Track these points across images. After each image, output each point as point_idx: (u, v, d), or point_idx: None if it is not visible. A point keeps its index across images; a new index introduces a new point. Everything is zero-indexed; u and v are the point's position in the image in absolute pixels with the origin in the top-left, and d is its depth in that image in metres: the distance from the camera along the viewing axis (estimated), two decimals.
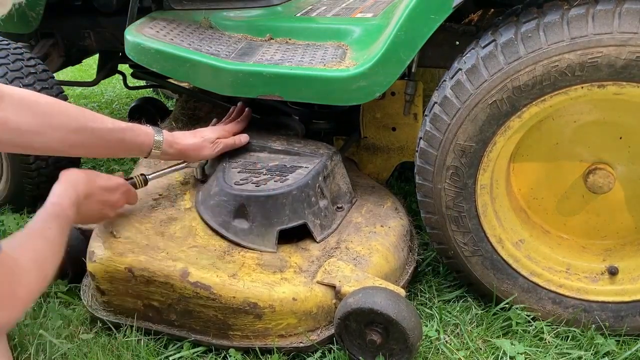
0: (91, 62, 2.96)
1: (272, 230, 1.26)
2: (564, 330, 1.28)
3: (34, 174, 1.74)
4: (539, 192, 1.36)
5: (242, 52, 1.51)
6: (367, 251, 1.28)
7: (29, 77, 1.70)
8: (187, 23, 1.68)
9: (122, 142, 1.24)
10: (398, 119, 1.67)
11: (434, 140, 1.23)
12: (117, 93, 3.38)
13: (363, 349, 1.16)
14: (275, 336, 1.19)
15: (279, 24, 1.72)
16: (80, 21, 1.93)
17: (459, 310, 1.36)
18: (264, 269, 1.21)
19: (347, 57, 1.44)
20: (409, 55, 1.25)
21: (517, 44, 1.10)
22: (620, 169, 1.27)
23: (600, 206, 1.33)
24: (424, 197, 1.30)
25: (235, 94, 1.45)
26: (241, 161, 1.42)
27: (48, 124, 1.13)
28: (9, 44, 1.77)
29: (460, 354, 1.22)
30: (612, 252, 1.33)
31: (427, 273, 1.49)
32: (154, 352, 1.22)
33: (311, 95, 1.37)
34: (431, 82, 1.77)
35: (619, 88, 1.07)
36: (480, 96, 1.15)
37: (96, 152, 1.31)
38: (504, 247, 1.28)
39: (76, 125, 1.16)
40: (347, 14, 1.78)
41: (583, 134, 1.27)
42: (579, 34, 1.05)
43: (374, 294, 1.10)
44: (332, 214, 1.37)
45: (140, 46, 1.47)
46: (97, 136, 1.19)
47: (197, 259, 1.21)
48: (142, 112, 2.49)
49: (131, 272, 1.19)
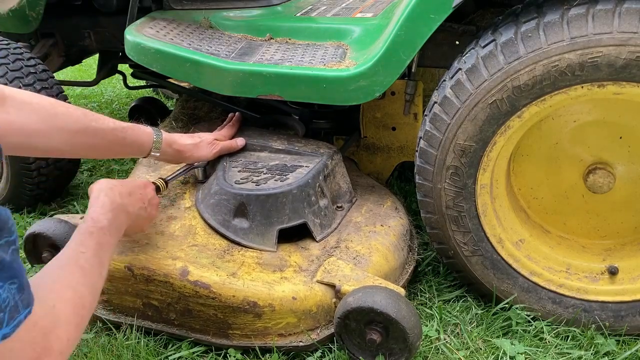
0: (91, 62, 2.97)
1: (272, 230, 1.26)
2: (564, 330, 1.28)
3: (34, 174, 1.74)
4: (539, 192, 1.36)
5: (242, 52, 1.52)
6: (367, 250, 1.28)
7: (29, 77, 1.70)
8: (187, 23, 1.69)
9: (123, 142, 1.24)
10: (398, 118, 1.68)
11: (434, 140, 1.23)
12: (117, 93, 3.38)
13: (363, 348, 1.15)
14: (275, 335, 1.19)
15: (279, 24, 1.72)
16: (80, 21, 1.93)
17: (459, 310, 1.36)
18: (263, 268, 1.21)
19: (347, 57, 1.44)
20: (409, 55, 1.25)
21: (517, 43, 1.10)
22: (620, 169, 1.27)
23: (600, 206, 1.33)
24: (424, 197, 1.30)
25: (235, 93, 1.45)
26: (242, 160, 1.42)
27: (51, 125, 1.13)
28: (9, 44, 1.77)
29: (460, 353, 1.22)
30: (612, 252, 1.33)
31: (427, 273, 1.49)
32: (154, 351, 1.22)
33: (311, 95, 1.37)
34: (431, 82, 1.78)
35: (619, 88, 1.08)
36: (480, 96, 1.15)
37: (98, 152, 1.30)
38: (504, 247, 1.28)
39: (79, 126, 1.16)
40: (347, 14, 1.78)
41: (583, 133, 1.27)
42: (579, 33, 1.05)
43: (374, 293, 1.10)
44: (332, 214, 1.37)
45: (140, 46, 1.47)
46: (99, 136, 1.19)
47: (197, 258, 1.21)
48: (142, 112, 2.49)
49: (131, 271, 1.19)
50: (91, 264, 0.90)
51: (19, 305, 0.67)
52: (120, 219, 1.06)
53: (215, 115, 1.85)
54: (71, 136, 1.15)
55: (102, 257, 0.94)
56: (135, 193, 1.14)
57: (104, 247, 0.96)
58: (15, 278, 0.67)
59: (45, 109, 1.13)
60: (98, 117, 1.20)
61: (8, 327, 0.66)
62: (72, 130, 1.15)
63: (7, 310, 0.65)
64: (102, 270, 0.93)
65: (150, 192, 1.21)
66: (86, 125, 1.17)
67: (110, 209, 1.04)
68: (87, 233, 0.96)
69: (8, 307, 0.65)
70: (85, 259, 0.90)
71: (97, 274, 0.91)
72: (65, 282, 0.84)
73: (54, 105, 1.14)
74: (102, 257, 0.95)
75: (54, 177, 1.82)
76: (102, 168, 2.25)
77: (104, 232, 0.99)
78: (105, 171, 2.23)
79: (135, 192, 1.15)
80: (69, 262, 0.88)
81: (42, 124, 1.11)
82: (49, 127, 1.12)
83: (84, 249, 0.92)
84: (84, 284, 0.86)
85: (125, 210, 1.09)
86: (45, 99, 1.15)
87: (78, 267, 0.88)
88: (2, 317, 0.65)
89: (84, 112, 1.19)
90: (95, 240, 0.95)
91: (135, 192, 1.15)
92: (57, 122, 1.13)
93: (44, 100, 1.14)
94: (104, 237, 0.98)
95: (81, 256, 0.90)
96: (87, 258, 0.90)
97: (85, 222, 0.99)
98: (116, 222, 1.04)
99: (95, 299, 0.89)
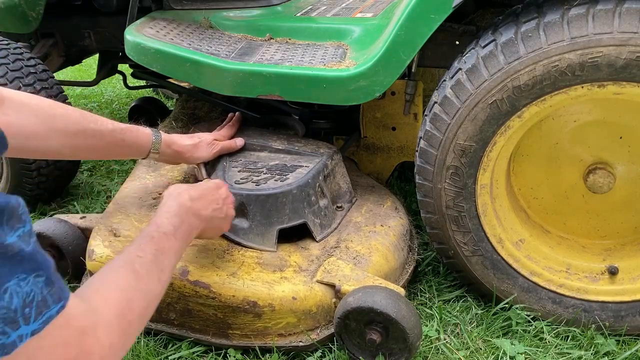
0: (91, 62, 2.97)
1: (272, 229, 1.26)
2: (564, 330, 1.28)
3: (34, 174, 1.74)
4: (539, 192, 1.36)
5: (242, 52, 1.52)
6: (367, 250, 1.28)
7: (29, 77, 1.70)
8: (187, 23, 1.69)
9: (122, 143, 1.24)
10: (398, 118, 1.68)
11: (434, 140, 1.23)
12: (117, 93, 3.38)
13: (363, 348, 1.15)
14: (275, 335, 1.19)
15: (279, 24, 1.72)
16: (80, 21, 1.93)
17: (459, 310, 1.36)
18: (263, 267, 1.21)
19: (347, 57, 1.44)
20: (409, 55, 1.25)
21: (517, 43, 1.10)
22: (620, 169, 1.27)
23: (600, 206, 1.33)
24: (424, 197, 1.30)
25: (235, 93, 1.45)
26: (241, 160, 1.42)
27: (50, 127, 1.12)
28: (9, 44, 1.77)
29: (460, 353, 1.22)
30: (612, 252, 1.33)
31: (427, 273, 1.49)
32: (154, 352, 1.22)
33: (311, 95, 1.37)
34: (431, 82, 1.78)
35: (619, 88, 1.07)
36: (480, 96, 1.15)
37: (97, 154, 1.30)
38: (504, 246, 1.28)
39: (78, 128, 1.16)
40: (347, 14, 1.78)
41: (583, 133, 1.27)
42: (579, 33, 1.05)
43: (374, 293, 1.10)
44: (332, 214, 1.37)
45: (140, 46, 1.47)
46: (98, 138, 1.19)
47: (197, 258, 1.21)
48: (142, 112, 2.49)
49: None
50: (148, 269, 0.85)
51: (47, 299, 0.62)
52: (189, 223, 1.03)
53: (215, 115, 1.85)
54: (70, 138, 1.15)
55: (162, 262, 0.89)
56: (206, 195, 1.11)
57: (166, 253, 0.92)
58: (41, 270, 0.62)
59: (44, 111, 1.12)
60: (97, 119, 1.19)
61: (36, 323, 0.61)
62: (71, 132, 1.15)
63: (34, 305, 0.60)
64: (161, 276, 0.88)
65: (224, 192, 1.18)
66: (85, 127, 1.16)
67: (176, 213, 1.01)
68: (148, 237, 0.92)
69: (34, 301, 0.60)
70: (141, 264, 0.85)
71: (155, 279, 0.86)
72: (114, 284, 0.79)
73: (53, 107, 1.14)
74: (163, 262, 0.90)
75: (54, 177, 1.82)
76: (102, 168, 2.25)
77: (168, 237, 0.94)
78: (105, 171, 2.23)
79: (207, 195, 1.12)
80: (124, 265, 0.84)
81: (40, 125, 1.11)
82: (47, 129, 1.12)
83: (141, 253, 0.87)
84: (135, 289, 0.81)
85: (196, 214, 1.05)
86: (44, 101, 1.14)
87: (132, 271, 0.83)
88: (28, 313, 0.59)
89: (83, 113, 1.18)
90: (156, 245, 0.91)
91: (207, 194, 1.12)
92: (56, 124, 1.13)
93: (42, 102, 1.13)
94: (167, 242, 0.93)
95: (137, 260, 0.85)
96: (144, 262, 0.86)
97: (149, 226, 0.95)
98: (184, 226, 1.00)
99: (149, 306, 0.84)
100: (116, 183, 2.10)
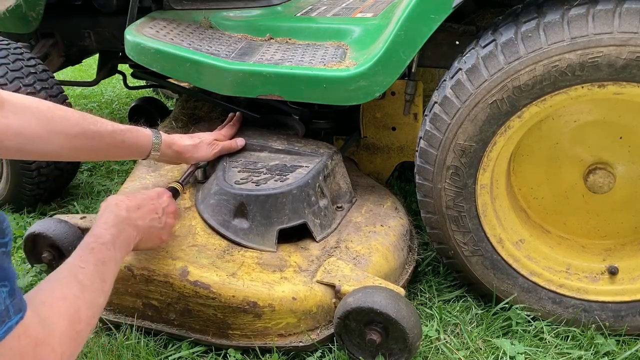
0: (91, 62, 2.97)
1: (272, 230, 1.26)
2: (564, 330, 1.28)
3: (34, 174, 1.74)
4: (539, 192, 1.36)
5: (242, 52, 1.52)
6: (367, 251, 1.28)
7: (29, 77, 1.70)
8: (187, 23, 1.69)
9: (122, 145, 1.24)
10: (398, 118, 1.68)
11: (434, 140, 1.23)
12: (117, 93, 3.38)
13: (362, 349, 1.15)
14: (275, 335, 1.19)
15: (279, 24, 1.72)
16: (80, 21, 1.93)
17: (459, 310, 1.36)
18: (263, 268, 1.21)
19: (347, 57, 1.44)
20: (409, 55, 1.25)
21: (517, 43, 1.10)
22: (620, 169, 1.27)
23: (600, 206, 1.33)
24: (424, 197, 1.30)
25: (235, 93, 1.45)
26: (241, 160, 1.42)
27: (50, 129, 1.12)
28: (9, 44, 1.77)
29: (460, 353, 1.22)
30: (612, 252, 1.33)
31: (427, 273, 1.49)
32: (154, 352, 1.21)
33: (311, 95, 1.37)
34: (431, 82, 1.78)
35: (619, 88, 1.07)
36: (480, 96, 1.15)
37: (97, 155, 1.30)
38: (504, 247, 1.28)
39: (77, 130, 1.15)
40: (347, 14, 1.78)
41: (583, 133, 1.27)
42: (579, 33, 1.05)
43: (374, 294, 1.10)
44: (332, 214, 1.37)
45: (140, 46, 1.47)
46: (98, 139, 1.19)
47: (197, 258, 1.21)
48: (142, 112, 2.49)
49: (130, 271, 1.19)
50: (91, 280, 0.87)
51: (10, 309, 0.64)
52: (126, 233, 1.04)
53: (215, 115, 1.85)
54: (70, 140, 1.15)
55: (103, 272, 0.91)
56: (145, 205, 1.12)
57: (107, 263, 0.93)
58: (6, 281, 0.63)
59: (44, 113, 1.12)
60: (97, 120, 1.19)
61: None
62: (71, 133, 1.14)
63: None
64: (103, 286, 0.90)
65: (165, 201, 1.18)
66: (85, 129, 1.16)
67: (113, 224, 1.02)
68: (88, 249, 0.93)
69: None
70: (84, 275, 0.87)
71: (98, 289, 0.88)
72: (60, 295, 0.81)
73: (52, 109, 1.14)
74: (104, 272, 0.91)
75: (54, 177, 1.82)
76: (102, 168, 2.25)
77: (107, 247, 0.96)
78: (105, 171, 2.23)
79: (146, 205, 1.12)
80: (67, 276, 0.86)
81: (40, 128, 1.10)
82: (47, 131, 1.11)
83: (83, 264, 0.89)
84: (81, 299, 0.83)
85: (132, 224, 1.06)
86: (44, 103, 1.14)
87: (76, 282, 0.85)
88: None
89: (83, 115, 1.18)
90: (97, 256, 0.93)
91: (145, 204, 1.12)
92: (56, 126, 1.13)
93: (42, 104, 1.13)
94: (106, 253, 0.95)
95: (80, 271, 0.87)
96: (86, 273, 0.88)
97: (88, 238, 0.96)
98: (121, 236, 1.01)
99: (94, 315, 0.86)
100: (116, 183, 2.11)
